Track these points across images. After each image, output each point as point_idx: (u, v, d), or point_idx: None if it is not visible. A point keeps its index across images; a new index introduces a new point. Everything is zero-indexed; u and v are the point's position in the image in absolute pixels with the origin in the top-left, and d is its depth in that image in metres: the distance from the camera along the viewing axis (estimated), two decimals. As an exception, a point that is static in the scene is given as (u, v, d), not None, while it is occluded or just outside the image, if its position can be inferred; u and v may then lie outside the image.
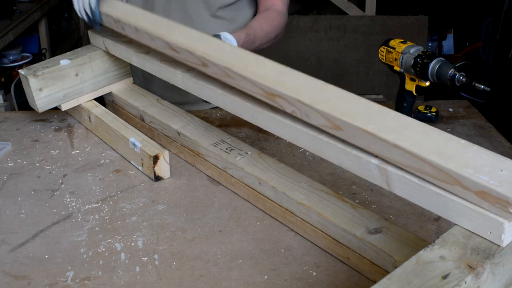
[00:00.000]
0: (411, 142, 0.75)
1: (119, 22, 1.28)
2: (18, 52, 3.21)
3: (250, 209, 1.13)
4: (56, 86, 1.40)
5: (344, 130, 0.82)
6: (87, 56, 1.44)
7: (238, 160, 1.16)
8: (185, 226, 1.08)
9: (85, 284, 0.93)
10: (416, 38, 3.22)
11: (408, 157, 0.75)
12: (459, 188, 0.71)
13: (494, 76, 3.63)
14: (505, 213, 0.68)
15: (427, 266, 0.67)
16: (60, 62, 1.41)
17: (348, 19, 3.24)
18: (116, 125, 1.34)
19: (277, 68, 0.96)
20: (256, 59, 0.99)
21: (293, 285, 0.93)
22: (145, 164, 1.24)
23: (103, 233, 1.06)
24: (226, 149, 1.20)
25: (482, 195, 0.69)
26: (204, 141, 1.24)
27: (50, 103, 1.41)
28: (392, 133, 0.77)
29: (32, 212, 1.13)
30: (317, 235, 1.01)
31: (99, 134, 1.42)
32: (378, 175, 0.80)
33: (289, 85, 0.90)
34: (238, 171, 1.15)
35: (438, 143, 0.75)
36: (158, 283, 0.94)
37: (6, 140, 1.42)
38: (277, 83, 0.91)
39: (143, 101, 1.45)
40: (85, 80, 1.44)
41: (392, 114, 0.82)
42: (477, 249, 0.70)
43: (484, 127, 1.48)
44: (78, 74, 1.42)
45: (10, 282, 0.94)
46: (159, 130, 1.36)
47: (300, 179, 1.09)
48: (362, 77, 3.26)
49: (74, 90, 1.43)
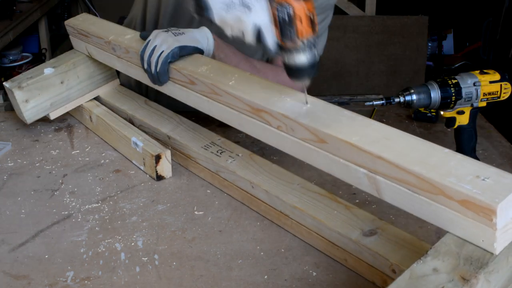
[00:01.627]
0: (395, 153, 0.76)
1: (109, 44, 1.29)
2: (18, 52, 3.21)
3: (250, 209, 1.13)
4: (42, 96, 1.39)
5: (328, 143, 0.83)
6: (71, 63, 1.43)
7: (229, 163, 1.15)
8: (185, 226, 1.08)
9: (85, 284, 0.93)
10: (416, 38, 3.22)
11: (392, 168, 0.75)
12: (442, 197, 0.71)
13: (494, 76, 3.62)
14: (489, 221, 0.67)
15: (420, 281, 0.67)
16: (44, 71, 1.40)
17: (348, 19, 3.23)
18: (118, 124, 1.34)
19: (261, 84, 0.97)
20: (243, 75, 1.01)
21: (293, 285, 0.93)
22: (147, 163, 1.24)
23: (103, 233, 1.06)
24: (217, 152, 1.19)
25: (465, 204, 0.69)
26: (194, 145, 1.23)
27: (37, 113, 1.40)
28: (375, 145, 0.78)
29: (32, 212, 1.13)
30: (313, 237, 1.01)
31: (100, 134, 1.42)
32: (367, 183, 0.81)
33: (274, 100, 0.91)
34: (230, 174, 1.14)
35: (421, 153, 0.76)
36: (158, 283, 0.94)
37: (6, 140, 1.42)
38: (263, 99, 0.92)
39: (131, 104, 1.44)
40: (71, 87, 1.43)
41: (375, 125, 0.83)
42: (470, 258, 0.69)
43: (484, 127, 1.48)
44: (63, 81, 1.41)
45: (10, 282, 0.94)
46: (149, 133, 1.34)
47: (292, 180, 1.09)
48: (362, 77, 3.25)
49: (61, 98, 1.42)
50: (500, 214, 0.67)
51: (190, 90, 1.08)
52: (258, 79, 1.00)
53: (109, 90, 1.51)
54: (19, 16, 2.94)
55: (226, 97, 0.99)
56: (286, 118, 0.88)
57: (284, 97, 0.92)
